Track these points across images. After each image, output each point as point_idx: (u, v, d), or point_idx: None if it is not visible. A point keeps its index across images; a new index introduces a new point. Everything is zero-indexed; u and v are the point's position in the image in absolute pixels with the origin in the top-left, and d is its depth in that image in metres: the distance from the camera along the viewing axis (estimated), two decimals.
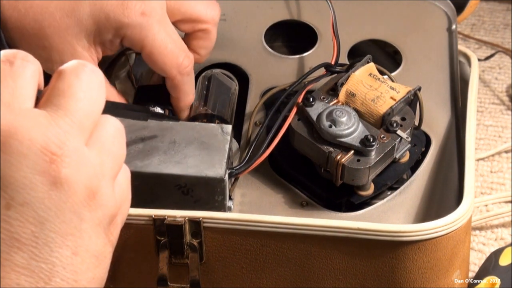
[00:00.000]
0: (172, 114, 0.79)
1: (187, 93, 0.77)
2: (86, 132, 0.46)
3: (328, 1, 0.89)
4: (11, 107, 0.44)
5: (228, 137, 0.72)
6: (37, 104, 0.46)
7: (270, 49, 0.91)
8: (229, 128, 0.73)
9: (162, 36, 0.72)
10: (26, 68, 0.46)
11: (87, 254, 0.45)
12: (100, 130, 0.47)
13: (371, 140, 0.72)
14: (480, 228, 1.00)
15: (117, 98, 0.74)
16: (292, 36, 0.96)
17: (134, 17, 0.70)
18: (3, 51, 0.47)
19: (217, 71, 0.85)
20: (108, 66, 0.81)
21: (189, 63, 0.75)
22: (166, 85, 0.77)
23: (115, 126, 0.48)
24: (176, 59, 0.73)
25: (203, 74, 0.85)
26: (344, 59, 0.88)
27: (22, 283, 0.42)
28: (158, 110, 0.78)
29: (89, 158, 0.45)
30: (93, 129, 0.47)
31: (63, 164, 0.43)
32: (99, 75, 0.47)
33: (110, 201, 0.47)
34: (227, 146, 0.72)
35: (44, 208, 0.43)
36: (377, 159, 0.73)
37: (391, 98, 0.76)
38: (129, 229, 0.70)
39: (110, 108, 0.49)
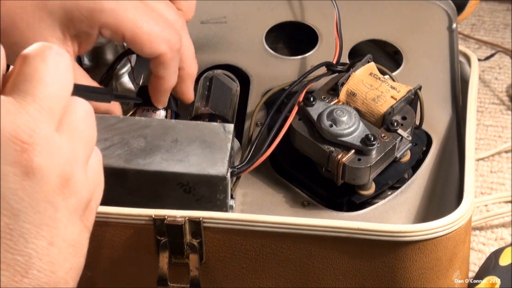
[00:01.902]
0: (175, 115, 0.79)
1: (174, 71, 0.74)
2: (56, 118, 0.44)
3: (333, 0, 0.89)
4: None
5: (230, 136, 0.73)
6: (2, 90, 0.44)
7: (271, 51, 0.91)
8: (231, 127, 0.73)
9: (141, 17, 0.69)
10: None
11: (63, 244, 0.44)
12: (70, 114, 0.45)
13: (372, 139, 0.72)
14: (480, 228, 1.00)
15: (84, 80, 0.71)
16: (293, 37, 0.96)
17: (105, 2, 0.67)
18: None
19: (218, 72, 0.85)
20: (110, 67, 0.81)
21: (178, 38, 0.72)
22: (151, 66, 0.73)
23: (84, 109, 0.47)
24: (163, 35, 0.70)
25: (204, 75, 0.85)
26: (345, 59, 0.88)
27: None
28: (160, 110, 0.78)
29: (61, 144, 0.44)
30: (62, 114, 0.45)
31: (35, 153, 0.42)
32: (66, 57, 0.45)
33: (84, 187, 0.45)
34: (229, 145, 0.72)
35: (17, 199, 0.42)
36: (378, 158, 0.73)
37: (392, 97, 0.76)
38: (129, 229, 0.70)
39: (73, 91, 0.47)
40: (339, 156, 0.73)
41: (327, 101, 0.77)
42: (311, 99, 0.76)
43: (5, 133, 0.41)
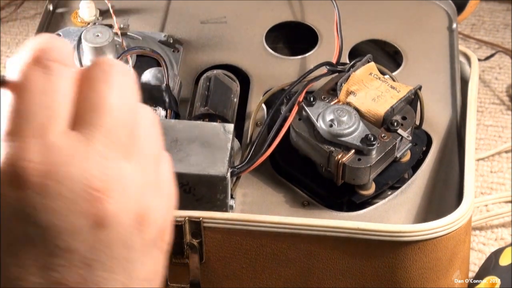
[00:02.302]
0: (175, 115, 0.79)
1: None
2: (125, 146, 0.39)
3: (333, 0, 0.89)
4: (45, 136, 0.37)
5: (230, 136, 0.73)
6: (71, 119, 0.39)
7: (271, 50, 0.91)
8: (231, 127, 0.73)
9: None
10: (64, 76, 0.38)
11: (139, 281, 0.40)
12: (136, 135, 0.40)
13: (372, 139, 0.72)
14: (480, 228, 1.00)
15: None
16: (292, 37, 0.96)
17: None
18: (33, 45, 0.38)
19: (218, 72, 0.85)
20: None
21: None
22: None
23: (149, 120, 0.42)
24: None
25: (204, 75, 0.85)
26: (345, 59, 0.88)
27: None
28: (160, 110, 0.78)
29: (132, 176, 0.39)
30: (130, 138, 0.40)
31: (108, 200, 0.37)
32: (130, 76, 0.41)
33: (160, 212, 0.41)
34: (229, 145, 0.72)
35: (91, 250, 0.38)
36: (378, 158, 0.73)
37: (392, 97, 0.76)
38: None
39: None
40: (339, 156, 0.73)
41: (327, 101, 0.77)
42: (311, 99, 0.76)
43: (76, 183, 0.37)
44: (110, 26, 0.87)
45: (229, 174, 0.71)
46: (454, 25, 0.94)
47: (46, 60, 0.38)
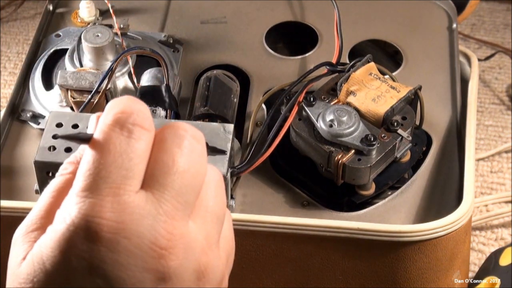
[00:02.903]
0: (175, 115, 0.79)
1: None
2: (191, 208, 0.42)
3: (333, 0, 0.89)
4: (120, 195, 0.40)
5: (230, 136, 0.72)
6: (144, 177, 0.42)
7: (271, 50, 0.91)
8: (231, 127, 0.73)
9: None
10: (143, 140, 0.41)
11: None
12: (202, 197, 0.43)
13: (372, 139, 0.72)
14: (480, 228, 1.00)
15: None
16: (293, 37, 0.96)
17: None
18: (116, 107, 0.41)
19: (218, 72, 0.85)
20: (110, 67, 0.81)
21: None
22: None
23: (215, 180, 0.44)
24: None
25: (204, 75, 0.85)
26: (345, 59, 0.88)
27: None
28: (160, 110, 0.78)
29: (196, 237, 0.42)
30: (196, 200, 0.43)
31: (171, 257, 0.40)
32: (201, 140, 0.43)
33: (219, 269, 0.44)
34: (229, 145, 0.72)
35: None
36: (378, 158, 0.73)
37: (392, 97, 0.76)
38: None
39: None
40: (339, 156, 0.73)
41: (327, 101, 0.77)
42: (311, 99, 0.76)
43: (144, 241, 0.40)
44: (110, 26, 0.87)
45: (229, 174, 0.71)
46: (454, 25, 0.94)
47: (128, 124, 0.41)
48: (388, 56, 0.94)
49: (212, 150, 0.67)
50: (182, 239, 0.41)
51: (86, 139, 0.41)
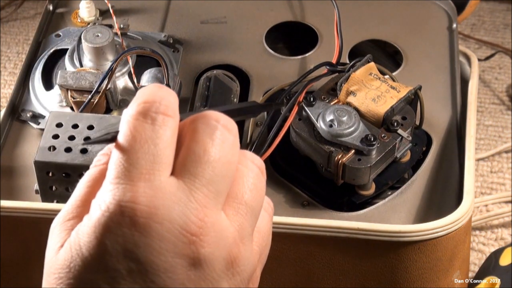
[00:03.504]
0: None
1: None
2: (223, 198, 0.43)
3: (333, 0, 0.89)
4: (151, 180, 0.41)
5: None
6: (174, 166, 0.43)
7: (271, 50, 0.91)
8: None
9: None
10: (168, 126, 0.42)
11: None
12: (237, 189, 0.44)
13: (372, 139, 0.72)
14: (480, 228, 1.00)
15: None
16: (293, 37, 0.96)
17: None
18: (140, 98, 0.42)
19: (218, 72, 0.85)
20: (110, 67, 0.81)
21: None
22: None
23: (253, 173, 0.45)
24: None
25: (204, 75, 0.85)
26: (345, 59, 0.88)
27: None
28: None
29: (227, 227, 0.43)
30: (229, 190, 0.44)
31: (202, 244, 0.41)
32: (233, 129, 0.44)
33: (250, 262, 0.44)
34: None
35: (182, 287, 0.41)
36: (378, 158, 0.73)
37: (392, 97, 0.76)
38: None
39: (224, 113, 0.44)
40: (339, 156, 0.73)
41: (327, 101, 0.77)
42: (311, 99, 0.76)
43: (176, 226, 0.41)
44: (110, 26, 0.87)
45: None
46: (454, 25, 0.94)
47: (151, 113, 0.42)
48: (388, 56, 0.94)
49: (240, 108, 0.60)
50: (214, 227, 0.42)
51: (114, 137, 0.42)
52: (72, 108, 0.81)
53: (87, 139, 0.72)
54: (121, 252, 0.40)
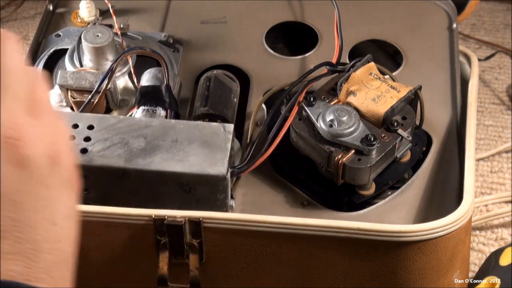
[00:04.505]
0: (175, 115, 0.79)
1: None
2: (29, 102, 0.45)
3: (333, 0, 0.89)
4: None
5: (230, 136, 0.73)
6: None
7: (271, 50, 0.91)
8: (231, 127, 0.73)
9: None
10: None
11: (63, 218, 0.46)
12: (38, 95, 0.47)
13: (372, 139, 0.72)
14: (480, 228, 1.00)
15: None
16: (293, 37, 0.96)
17: None
18: None
19: (218, 72, 0.85)
20: (110, 67, 0.81)
21: None
22: None
23: (42, 85, 0.48)
24: None
25: (204, 75, 0.85)
26: (345, 59, 0.88)
27: (14, 268, 0.43)
28: (160, 110, 0.78)
29: (40, 127, 0.45)
30: (32, 96, 0.46)
31: (24, 146, 0.44)
32: (14, 38, 0.46)
33: (68, 155, 0.47)
34: (229, 145, 0.72)
35: (15, 191, 0.43)
36: (378, 158, 0.73)
37: (392, 97, 0.76)
38: (129, 229, 0.70)
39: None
40: (339, 156, 0.73)
41: (327, 101, 0.77)
42: (311, 99, 0.76)
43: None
44: (110, 26, 0.87)
45: (229, 174, 0.71)
46: (454, 25, 0.94)
47: None
48: (388, 56, 0.94)
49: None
50: (28, 129, 0.44)
51: None
52: (72, 108, 0.81)
53: (86, 139, 0.72)
54: None
